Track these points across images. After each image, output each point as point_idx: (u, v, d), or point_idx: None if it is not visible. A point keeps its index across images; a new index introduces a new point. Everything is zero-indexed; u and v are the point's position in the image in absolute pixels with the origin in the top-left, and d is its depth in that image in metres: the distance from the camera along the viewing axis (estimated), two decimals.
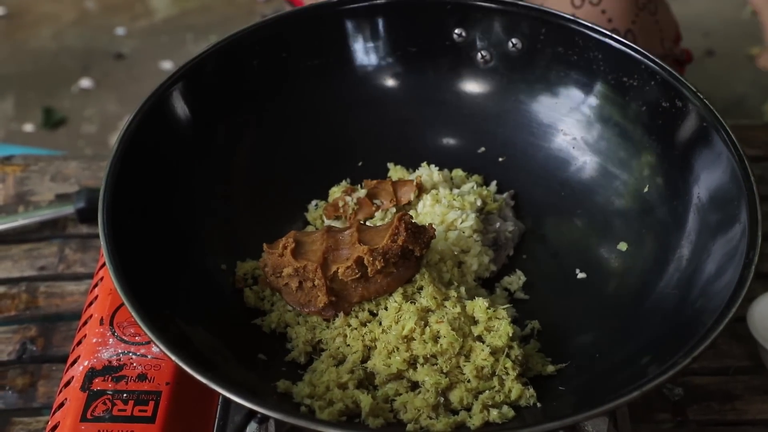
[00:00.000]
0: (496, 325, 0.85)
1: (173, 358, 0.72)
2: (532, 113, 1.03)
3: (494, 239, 0.97)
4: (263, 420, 0.78)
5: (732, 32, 2.29)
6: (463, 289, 0.89)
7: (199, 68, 0.96)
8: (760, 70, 1.14)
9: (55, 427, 0.83)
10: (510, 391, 0.82)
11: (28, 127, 2.14)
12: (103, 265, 0.97)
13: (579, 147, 1.00)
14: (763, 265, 0.91)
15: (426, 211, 0.97)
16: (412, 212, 0.98)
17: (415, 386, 0.83)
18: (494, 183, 1.04)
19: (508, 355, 0.83)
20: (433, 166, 1.02)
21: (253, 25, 1.01)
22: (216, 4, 2.47)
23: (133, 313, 0.75)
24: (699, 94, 0.89)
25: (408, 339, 0.83)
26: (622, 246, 0.94)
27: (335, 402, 0.80)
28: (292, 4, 1.43)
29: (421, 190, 0.99)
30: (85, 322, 0.92)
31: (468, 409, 0.81)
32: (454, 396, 0.82)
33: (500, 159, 1.05)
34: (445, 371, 0.82)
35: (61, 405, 0.85)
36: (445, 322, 0.83)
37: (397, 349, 0.83)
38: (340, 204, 0.99)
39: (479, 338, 0.84)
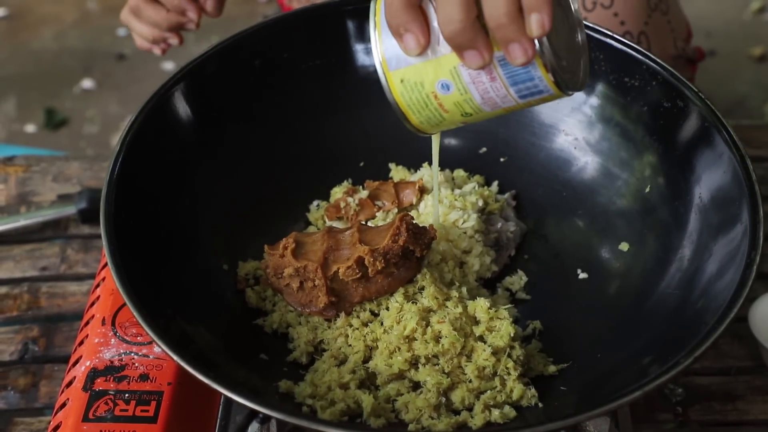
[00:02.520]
0: (498, 326, 0.85)
1: (175, 358, 0.73)
2: (533, 113, 1.03)
3: (496, 239, 0.97)
4: (265, 420, 0.78)
5: (734, 32, 2.29)
6: (464, 290, 0.89)
7: (200, 69, 0.96)
8: (761, 71, 1.14)
9: (57, 427, 0.83)
10: (511, 391, 0.82)
11: (30, 128, 2.14)
12: (105, 265, 0.97)
13: (580, 147, 1.00)
14: (765, 265, 0.91)
15: (428, 212, 0.97)
16: (413, 213, 0.98)
17: (416, 386, 0.83)
18: (496, 183, 1.04)
19: (509, 355, 0.83)
20: None
21: (254, 25, 1.01)
22: None
23: (134, 314, 0.75)
24: (700, 94, 0.89)
25: (409, 339, 0.83)
26: (624, 246, 0.94)
27: (337, 402, 0.80)
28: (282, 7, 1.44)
29: (422, 191, 0.99)
30: (87, 323, 0.92)
31: (470, 409, 0.81)
32: (456, 396, 0.82)
33: (502, 159, 1.05)
34: (446, 371, 0.82)
35: (63, 405, 0.85)
36: (446, 323, 0.83)
37: (399, 349, 0.83)
38: (342, 205, 0.99)
39: (481, 338, 0.85)
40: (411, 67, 0.72)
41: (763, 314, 0.99)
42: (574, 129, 1.01)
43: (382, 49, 0.73)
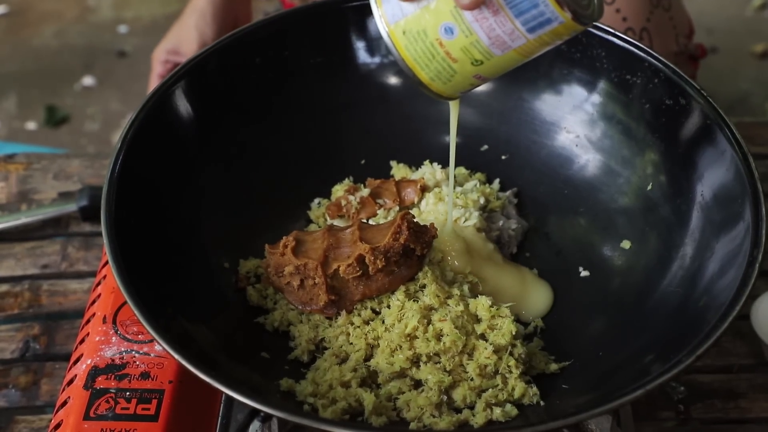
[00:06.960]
0: (499, 324, 0.85)
1: (176, 356, 0.72)
2: (535, 111, 1.03)
3: (497, 237, 0.97)
4: (266, 418, 0.78)
5: (736, 29, 2.28)
6: (466, 287, 0.89)
7: (201, 66, 0.96)
8: (763, 68, 1.14)
9: (58, 425, 0.83)
10: (513, 389, 0.81)
11: (31, 125, 2.14)
12: (106, 263, 0.97)
13: (582, 145, 1.00)
14: (767, 263, 0.91)
15: (429, 209, 0.97)
16: (414, 210, 0.98)
17: (418, 384, 0.83)
18: (497, 181, 1.03)
19: (511, 354, 0.83)
20: (435, 164, 1.02)
21: (255, 23, 1.01)
22: None
23: (135, 312, 0.75)
24: (702, 91, 0.89)
25: (411, 337, 0.83)
26: (626, 244, 0.94)
27: (338, 400, 0.80)
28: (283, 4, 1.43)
29: (424, 190, 0.99)
30: (88, 321, 0.92)
31: (471, 407, 0.81)
32: (457, 394, 0.82)
33: (503, 157, 1.04)
34: (448, 369, 0.82)
35: (64, 403, 0.85)
36: (448, 321, 0.83)
37: (400, 347, 0.83)
38: (343, 203, 0.99)
39: (482, 336, 0.84)
40: (411, 16, 0.70)
41: (765, 312, 0.99)
42: (576, 126, 1.00)
43: (381, 4, 0.71)
